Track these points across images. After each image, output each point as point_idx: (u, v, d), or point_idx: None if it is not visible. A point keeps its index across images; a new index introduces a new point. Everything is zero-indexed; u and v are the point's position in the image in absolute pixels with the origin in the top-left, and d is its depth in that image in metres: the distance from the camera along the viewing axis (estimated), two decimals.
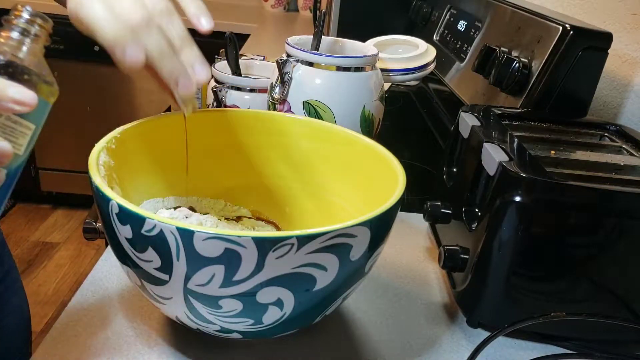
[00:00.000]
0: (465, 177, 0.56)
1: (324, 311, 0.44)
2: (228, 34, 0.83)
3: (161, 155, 0.55)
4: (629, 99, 0.78)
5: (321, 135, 0.57)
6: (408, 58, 0.86)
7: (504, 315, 0.50)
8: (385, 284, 0.59)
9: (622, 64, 0.80)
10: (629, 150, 0.58)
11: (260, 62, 0.91)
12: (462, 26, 1.03)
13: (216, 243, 0.36)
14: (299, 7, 2.56)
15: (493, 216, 0.47)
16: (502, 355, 0.51)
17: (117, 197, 0.38)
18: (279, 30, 2.15)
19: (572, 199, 0.46)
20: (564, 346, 0.51)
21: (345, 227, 0.38)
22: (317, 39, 0.74)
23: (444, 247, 0.53)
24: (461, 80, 0.95)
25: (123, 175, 0.50)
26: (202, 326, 0.42)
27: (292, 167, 0.59)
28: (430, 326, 0.53)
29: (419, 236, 0.68)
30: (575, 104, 0.70)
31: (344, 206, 0.56)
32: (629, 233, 0.46)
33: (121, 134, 0.49)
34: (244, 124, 0.58)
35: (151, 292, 0.42)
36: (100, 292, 0.52)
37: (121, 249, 0.40)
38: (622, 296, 0.49)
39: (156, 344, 0.47)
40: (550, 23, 0.70)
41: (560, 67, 0.67)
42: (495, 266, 0.49)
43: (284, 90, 0.69)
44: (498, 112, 0.63)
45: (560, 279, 0.49)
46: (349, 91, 0.69)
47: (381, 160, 0.52)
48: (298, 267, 0.38)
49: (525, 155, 0.50)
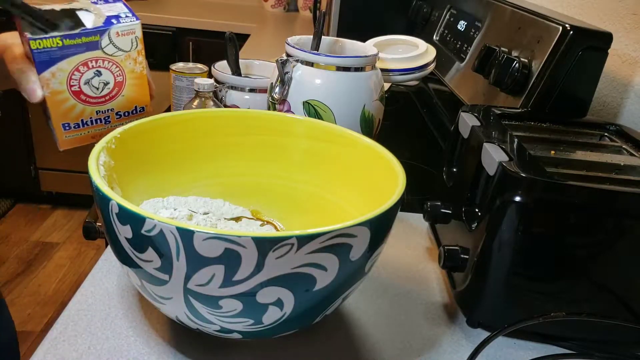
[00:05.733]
0: (465, 177, 0.56)
1: (324, 311, 0.44)
2: (228, 34, 0.83)
3: (161, 155, 0.55)
4: (629, 99, 0.78)
5: (321, 135, 0.57)
6: (408, 58, 0.86)
7: (504, 315, 0.50)
8: (385, 284, 0.59)
9: (622, 64, 0.80)
10: (629, 150, 0.58)
11: (260, 62, 0.91)
12: (462, 26, 1.03)
13: (216, 243, 0.36)
14: (299, 7, 2.56)
15: (493, 216, 0.47)
16: (502, 355, 0.51)
17: (117, 197, 0.38)
18: (279, 30, 2.15)
19: (572, 199, 0.46)
20: (564, 346, 0.51)
21: (345, 227, 0.38)
22: (317, 39, 0.74)
23: (444, 247, 0.53)
24: (461, 80, 0.95)
25: (123, 175, 0.50)
26: (202, 326, 0.42)
27: (292, 167, 0.59)
28: (430, 326, 0.53)
29: (419, 236, 0.68)
30: (575, 104, 0.70)
31: (344, 206, 0.55)
32: (629, 233, 0.46)
33: (121, 134, 0.49)
34: (244, 124, 0.58)
35: (151, 292, 0.42)
36: (100, 292, 0.52)
37: (121, 249, 0.40)
38: (622, 296, 0.49)
39: (156, 344, 0.47)
40: (550, 23, 0.70)
41: (560, 67, 0.67)
42: (495, 266, 0.49)
43: (284, 90, 0.69)
44: (498, 112, 0.63)
45: (560, 279, 0.49)
46: (349, 91, 0.69)
47: (381, 160, 0.52)
48: (298, 267, 0.38)
49: (525, 155, 0.50)
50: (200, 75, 0.87)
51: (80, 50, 0.49)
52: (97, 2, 0.52)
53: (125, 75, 0.53)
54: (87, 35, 0.49)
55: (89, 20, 0.49)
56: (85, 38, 0.49)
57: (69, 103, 0.51)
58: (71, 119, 0.53)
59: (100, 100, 0.53)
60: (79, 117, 0.53)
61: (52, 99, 0.50)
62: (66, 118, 0.53)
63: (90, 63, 0.50)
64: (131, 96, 0.54)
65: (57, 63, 0.49)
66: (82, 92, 0.51)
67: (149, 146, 0.54)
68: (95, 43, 0.50)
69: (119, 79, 0.52)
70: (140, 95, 0.55)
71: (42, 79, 0.49)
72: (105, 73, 0.51)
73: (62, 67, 0.49)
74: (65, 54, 0.48)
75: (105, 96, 0.52)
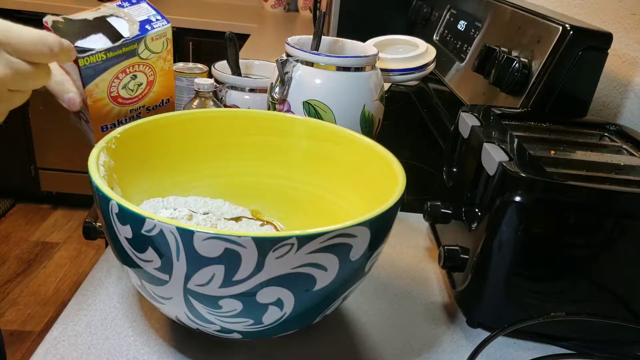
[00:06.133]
0: (465, 177, 0.56)
1: (324, 311, 0.44)
2: (228, 34, 0.83)
3: (161, 155, 0.55)
4: (629, 99, 0.78)
5: (321, 135, 0.57)
6: (408, 58, 0.86)
7: (504, 315, 0.50)
8: (385, 284, 0.59)
9: (622, 64, 0.80)
10: (629, 150, 0.58)
11: (260, 62, 0.91)
12: (462, 26, 1.03)
13: (216, 243, 0.36)
14: (299, 7, 2.56)
15: (493, 216, 0.47)
16: (502, 355, 0.51)
17: (117, 197, 0.38)
18: (279, 30, 2.15)
19: (572, 199, 0.46)
20: (564, 346, 0.51)
21: (345, 227, 0.38)
22: (317, 39, 0.74)
23: (444, 247, 0.53)
24: (461, 80, 0.95)
25: (123, 175, 0.50)
26: (202, 326, 0.42)
27: (292, 167, 0.59)
28: (430, 326, 0.53)
29: (419, 236, 0.68)
30: (575, 104, 0.70)
31: (344, 206, 0.55)
32: (629, 233, 0.46)
33: (121, 134, 0.49)
34: (244, 124, 0.58)
35: (151, 292, 0.42)
36: (100, 292, 0.52)
37: (121, 249, 0.40)
38: (622, 296, 0.49)
39: (156, 344, 0.47)
40: (550, 23, 0.70)
41: (560, 67, 0.67)
42: (495, 266, 0.49)
43: (284, 90, 0.69)
44: (498, 112, 0.63)
45: (560, 279, 0.49)
46: (349, 91, 0.69)
47: (381, 160, 0.52)
48: (298, 267, 0.38)
49: (525, 155, 0.50)
50: (200, 75, 0.87)
51: (120, 60, 0.51)
52: (123, 5, 0.53)
53: (156, 74, 0.54)
54: (127, 45, 0.51)
55: (125, 29, 0.51)
56: (125, 48, 0.51)
57: (107, 107, 0.53)
58: (109, 120, 0.55)
59: (134, 100, 0.55)
60: (115, 118, 0.55)
61: (93, 106, 0.52)
62: (105, 121, 0.55)
63: (127, 69, 0.52)
64: (159, 91, 0.56)
65: (100, 75, 0.51)
66: (120, 96, 0.53)
67: (149, 146, 0.54)
68: (134, 51, 0.52)
69: (150, 78, 0.54)
70: (166, 89, 0.56)
71: (87, 90, 0.51)
72: (139, 75, 0.53)
73: (105, 77, 0.51)
74: (107, 66, 0.50)
75: (138, 96, 0.54)
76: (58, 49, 0.40)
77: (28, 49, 0.39)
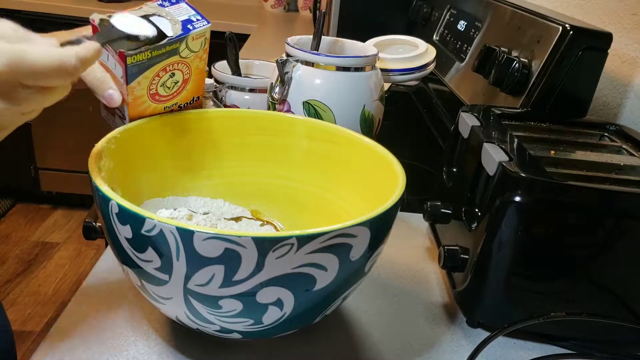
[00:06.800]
0: (465, 177, 0.56)
1: (324, 311, 0.44)
2: (228, 34, 0.83)
3: (161, 155, 0.55)
4: (629, 99, 0.78)
5: (321, 135, 0.57)
6: (408, 58, 0.86)
7: (504, 315, 0.50)
8: (385, 284, 0.59)
9: (622, 64, 0.80)
10: (629, 150, 0.58)
11: (260, 62, 0.91)
12: (462, 26, 1.03)
13: (216, 243, 0.36)
14: (299, 7, 2.56)
15: (493, 216, 0.47)
16: (502, 355, 0.51)
17: (117, 197, 0.38)
18: (279, 30, 2.15)
19: (572, 199, 0.46)
20: (564, 346, 0.51)
21: (345, 227, 0.38)
22: (317, 39, 0.74)
23: (444, 247, 0.53)
24: (461, 80, 0.95)
25: (123, 175, 0.50)
26: (202, 326, 0.42)
27: (292, 167, 0.59)
28: (430, 326, 0.53)
29: (419, 236, 0.68)
30: (575, 104, 0.70)
31: (344, 206, 0.55)
32: (628, 233, 0.46)
33: (121, 134, 0.49)
34: (244, 124, 0.58)
35: (151, 292, 0.42)
36: (100, 292, 0.52)
37: (121, 249, 0.40)
38: (622, 296, 0.49)
39: (156, 344, 0.47)
40: (550, 23, 0.70)
41: (560, 67, 0.67)
42: (495, 266, 0.49)
43: (284, 90, 0.69)
44: (498, 112, 0.63)
45: (560, 279, 0.49)
46: (348, 91, 0.69)
47: (381, 160, 0.52)
48: (298, 267, 0.38)
49: (525, 155, 0.50)
50: None
51: (163, 59, 0.51)
52: (163, 4, 0.53)
53: (192, 72, 0.54)
54: (170, 44, 0.51)
55: (168, 28, 0.52)
56: (168, 47, 0.51)
57: (145, 105, 0.53)
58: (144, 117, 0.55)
59: (169, 97, 0.55)
60: (150, 115, 0.55)
61: (132, 103, 0.52)
62: (140, 117, 0.55)
63: (168, 67, 0.52)
64: (192, 89, 0.56)
65: (143, 72, 0.51)
66: (157, 94, 0.54)
67: (149, 146, 0.54)
68: (175, 50, 0.52)
69: (186, 76, 0.55)
70: (198, 87, 0.57)
71: (129, 88, 0.51)
72: (177, 73, 0.54)
73: (147, 75, 0.51)
74: (151, 64, 0.51)
75: (173, 93, 0.55)
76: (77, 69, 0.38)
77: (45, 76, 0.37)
